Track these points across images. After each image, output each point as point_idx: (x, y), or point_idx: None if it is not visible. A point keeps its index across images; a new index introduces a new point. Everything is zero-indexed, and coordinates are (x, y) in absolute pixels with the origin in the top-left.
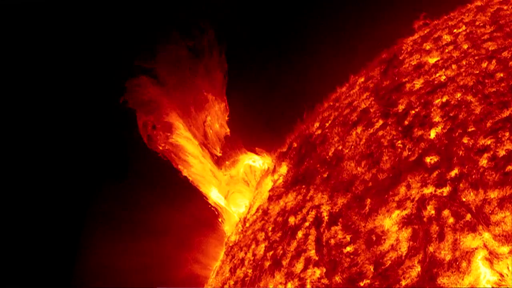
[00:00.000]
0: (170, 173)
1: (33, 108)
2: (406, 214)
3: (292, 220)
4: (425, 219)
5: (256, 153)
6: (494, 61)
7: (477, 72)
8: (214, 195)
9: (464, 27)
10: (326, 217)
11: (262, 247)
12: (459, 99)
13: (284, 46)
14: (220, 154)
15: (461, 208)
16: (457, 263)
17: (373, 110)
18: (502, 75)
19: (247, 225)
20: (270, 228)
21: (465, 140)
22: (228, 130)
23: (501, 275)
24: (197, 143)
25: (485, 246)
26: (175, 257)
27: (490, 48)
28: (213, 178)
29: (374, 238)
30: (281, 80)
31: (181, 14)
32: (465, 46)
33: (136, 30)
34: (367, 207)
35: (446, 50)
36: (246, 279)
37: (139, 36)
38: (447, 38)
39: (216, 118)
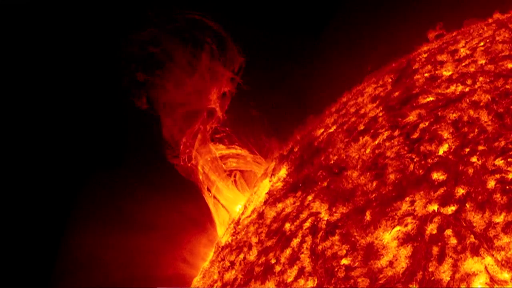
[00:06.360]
0: (166, 167)
1: (23, 90)
2: (407, 231)
3: (288, 226)
4: (426, 237)
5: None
6: (510, 81)
7: (493, 90)
8: (211, 193)
9: (482, 42)
10: (323, 226)
11: (254, 252)
12: (472, 116)
13: (293, 47)
14: (221, 152)
15: (465, 229)
16: (456, 286)
17: (381, 120)
18: None
19: (240, 227)
20: (264, 233)
21: (474, 159)
22: (226, 127)
23: None
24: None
25: (486, 270)
26: (163, 254)
27: (508, 66)
28: (211, 176)
29: (372, 253)
30: (288, 81)
31: (186, 12)
32: (482, 62)
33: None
34: (367, 220)
35: (462, 64)
36: (235, 283)
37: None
38: (463, 51)
39: (219, 116)
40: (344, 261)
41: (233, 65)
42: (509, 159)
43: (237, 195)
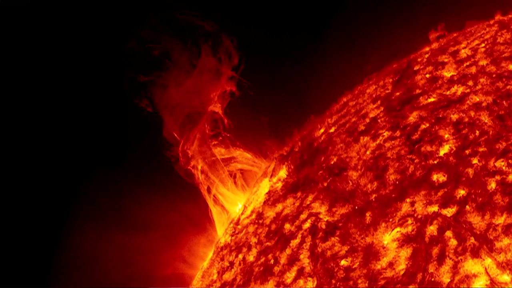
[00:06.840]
0: (166, 167)
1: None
2: (407, 232)
3: (287, 226)
4: (426, 239)
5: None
6: None
7: (494, 91)
8: (211, 193)
9: (484, 43)
10: (323, 227)
11: (253, 252)
12: (473, 117)
13: (294, 46)
14: (220, 152)
15: (465, 230)
16: (456, 287)
17: (382, 120)
18: None
19: (240, 227)
20: (263, 233)
21: (475, 160)
22: (227, 128)
23: None
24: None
25: (486, 272)
26: (162, 254)
27: (510, 68)
28: (211, 176)
29: (372, 254)
30: (288, 81)
31: (186, 12)
32: (484, 63)
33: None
34: (367, 221)
35: (463, 65)
36: (234, 283)
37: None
38: (465, 52)
39: (219, 116)
40: (344, 262)
41: (233, 65)
42: (510, 161)
43: (237, 195)
